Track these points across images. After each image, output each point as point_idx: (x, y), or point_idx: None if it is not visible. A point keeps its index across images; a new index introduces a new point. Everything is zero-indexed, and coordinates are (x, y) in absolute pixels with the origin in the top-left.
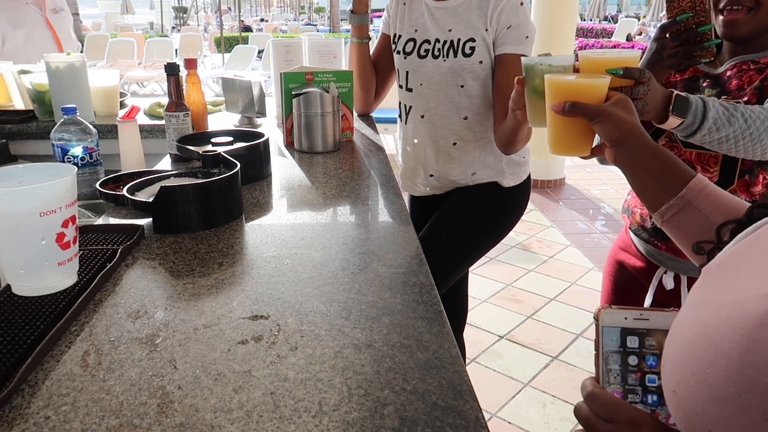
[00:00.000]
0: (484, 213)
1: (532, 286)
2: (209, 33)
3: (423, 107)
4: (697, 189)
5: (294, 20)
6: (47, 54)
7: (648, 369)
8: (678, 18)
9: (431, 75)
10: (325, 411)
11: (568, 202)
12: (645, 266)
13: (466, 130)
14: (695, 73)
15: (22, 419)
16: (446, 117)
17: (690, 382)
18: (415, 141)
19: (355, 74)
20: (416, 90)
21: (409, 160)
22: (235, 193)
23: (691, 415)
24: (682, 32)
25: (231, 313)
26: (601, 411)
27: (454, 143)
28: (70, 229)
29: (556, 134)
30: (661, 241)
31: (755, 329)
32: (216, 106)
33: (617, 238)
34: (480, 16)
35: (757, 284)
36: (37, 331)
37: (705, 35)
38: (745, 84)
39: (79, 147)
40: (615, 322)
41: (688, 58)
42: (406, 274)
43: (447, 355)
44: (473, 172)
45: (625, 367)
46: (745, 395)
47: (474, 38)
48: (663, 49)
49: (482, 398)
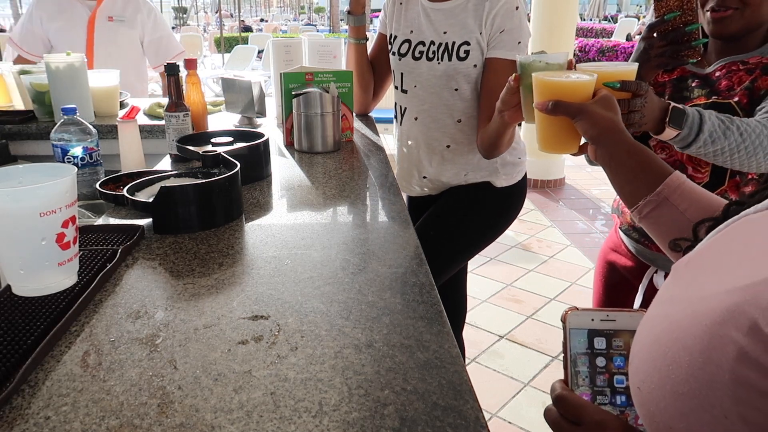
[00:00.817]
0: (475, 213)
1: (532, 286)
2: (209, 33)
3: (417, 109)
4: (673, 185)
5: (294, 20)
6: (47, 54)
7: (616, 370)
8: (666, 17)
9: (426, 77)
10: (326, 411)
11: (568, 202)
12: (635, 266)
13: (459, 133)
14: (683, 73)
15: (23, 419)
16: (440, 120)
17: (654, 378)
18: (409, 142)
19: (354, 74)
20: (411, 92)
21: (404, 161)
22: (235, 193)
23: (654, 411)
24: (669, 32)
25: (231, 313)
26: (569, 413)
27: (447, 146)
28: (70, 229)
29: (543, 132)
30: (651, 241)
31: (717, 326)
32: (216, 106)
33: (607, 238)
34: (476, 18)
35: (723, 281)
36: (37, 331)
37: (692, 34)
38: (735, 84)
39: (79, 147)
40: (582, 323)
41: (675, 58)
42: (406, 274)
43: (447, 355)
44: (465, 173)
45: (593, 369)
46: (706, 391)
47: (469, 41)
48: (650, 49)
49: (482, 398)
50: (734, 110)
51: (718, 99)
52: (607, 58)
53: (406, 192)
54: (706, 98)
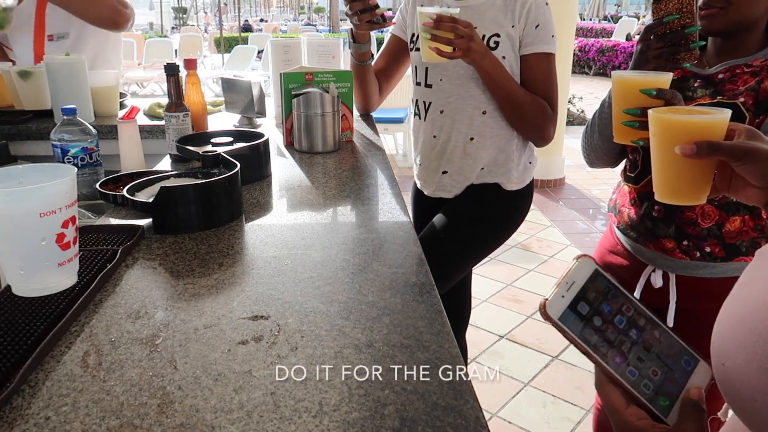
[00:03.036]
0: (484, 216)
1: (532, 285)
2: (209, 33)
3: (443, 102)
4: None
5: (294, 20)
6: (47, 54)
7: (608, 315)
8: (664, 19)
9: (453, 70)
10: (326, 411)
11: (568, 202)
12: (632, 265)
13: (483, 126)
14: (684, 74)
15: (23, 420)
16: (465, 111)
17: (740, 355)
18: (433, 136)
19: (355, 87)
20: (436, 85)
21: (425, 157)
22: (235, 193)
23: (738, 386)
24: (667, 33)
25: (231, 313)
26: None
27: (471, 138)
28: (70, 229)
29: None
30: (650, 240)
31: None
32: (216, 107)
33: (601, 240)
34: (506, 13)
35: None
36: (37, 331)
37: (690, 37)
38: (740, 86)
39: (79, 147)
40: (559, 308)
41: (672, 61)
42: (406, 274)
43: (447, 355)
44: (482, 167)
45: (600, 331)
46: None
47: (499, 34)
48: (647, 50)
49: (482, 398)
50: (740, 110)
51: (723, 99)
52: (606, 58)
53: (425, 190)
54: (711, 98)
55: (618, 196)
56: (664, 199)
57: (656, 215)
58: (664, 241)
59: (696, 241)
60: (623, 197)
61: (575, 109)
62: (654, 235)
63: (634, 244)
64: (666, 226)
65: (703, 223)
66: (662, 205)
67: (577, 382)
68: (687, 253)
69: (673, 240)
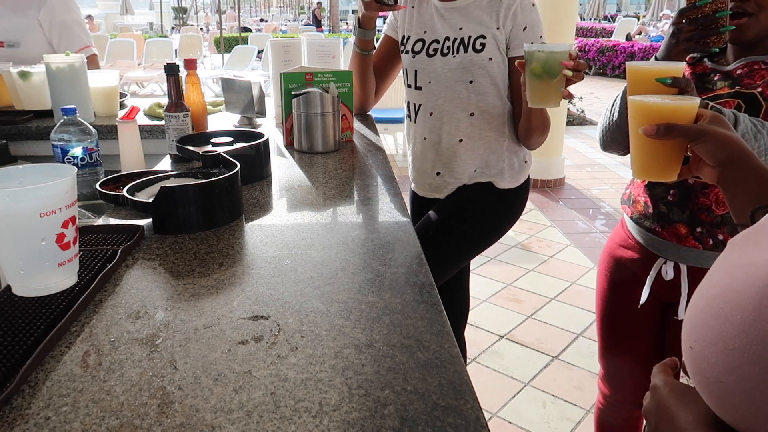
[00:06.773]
0: (477, 214)
1: (532, 285)
2: (209, 33)
3: (432, 104)
4: None
5: (294, 20)
6: (47, 54)
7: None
8: (698, 3)
9: (440, 72)
10: (326, 411)
11: (568, 202)
12: (643, 258)
13: (471, 127)
14: (705, 70)
15: (23, 420)
16: (453, 113)
17: (707, 337)
18: (424, 138)
19: (355, 79)
20: (425, 88)
21: (417, 158)
22: (235, 193)
23: (704, 367)
24: (698, 17)
25: (231, 313)
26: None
27: (460, 140)
28: (70, 229)
29: (643, 158)
30: (664, 225)
31: None
32: (216, 107)
33: (612, 235)
34: (491, 14)
35: None
36: (37, 331)
37: (720, 21)
38: (757, 80)
39: (79, 147)
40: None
41: (701, 44)
42: (406, 274)
43: (447, 355)
44: (475, 169)
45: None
46: (756, 346)
47: (485, 35)
48: (679, 33)
49: (482, 398)
50: (757, 100)
51: (741, 89)
52: (606, 58)
53: (418, 191)
54: (729, 88)
55: (632, 188)
56: (637, 175)
57: (671, 199)
58: (678, 225)
59: (709, 228)
60: (637, 188)
61: (575, 109)
62: (668, 219)
63: (646, 234)
64: (680, 210)
65: (717, 210)
66: (676, 190)
67: (577, 382)
68: (700, 240)
69: (687, 226)
